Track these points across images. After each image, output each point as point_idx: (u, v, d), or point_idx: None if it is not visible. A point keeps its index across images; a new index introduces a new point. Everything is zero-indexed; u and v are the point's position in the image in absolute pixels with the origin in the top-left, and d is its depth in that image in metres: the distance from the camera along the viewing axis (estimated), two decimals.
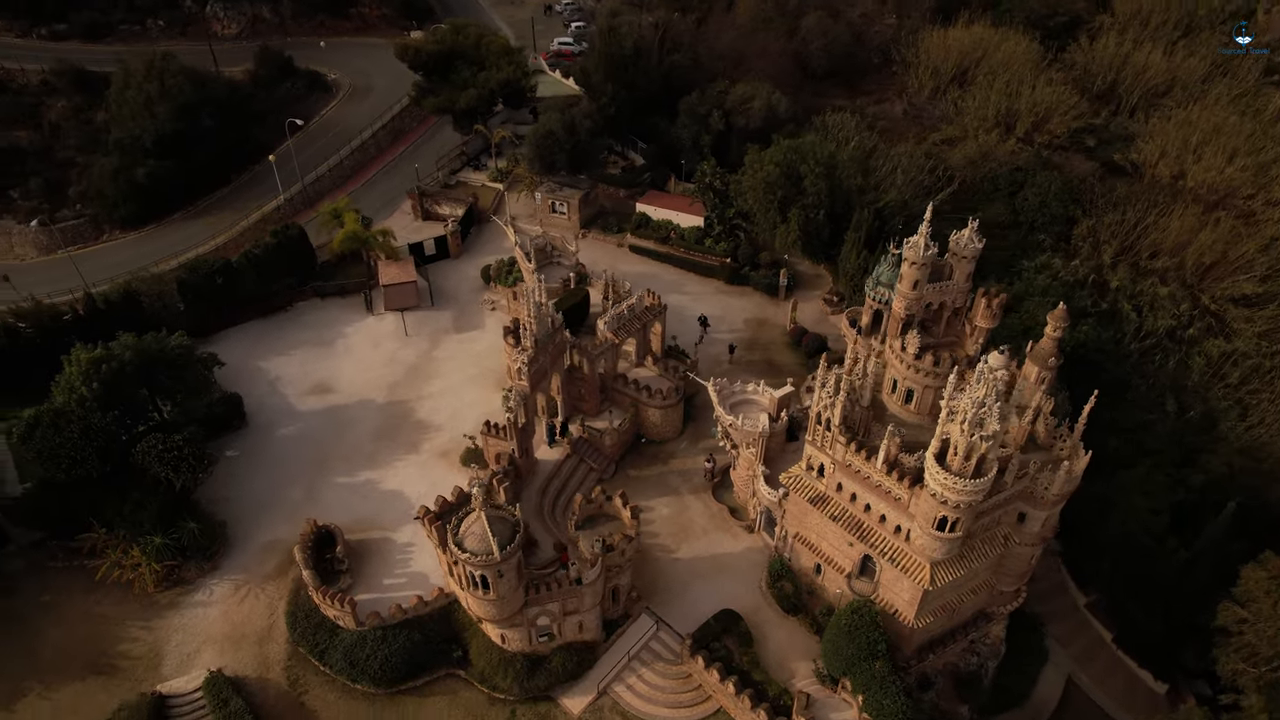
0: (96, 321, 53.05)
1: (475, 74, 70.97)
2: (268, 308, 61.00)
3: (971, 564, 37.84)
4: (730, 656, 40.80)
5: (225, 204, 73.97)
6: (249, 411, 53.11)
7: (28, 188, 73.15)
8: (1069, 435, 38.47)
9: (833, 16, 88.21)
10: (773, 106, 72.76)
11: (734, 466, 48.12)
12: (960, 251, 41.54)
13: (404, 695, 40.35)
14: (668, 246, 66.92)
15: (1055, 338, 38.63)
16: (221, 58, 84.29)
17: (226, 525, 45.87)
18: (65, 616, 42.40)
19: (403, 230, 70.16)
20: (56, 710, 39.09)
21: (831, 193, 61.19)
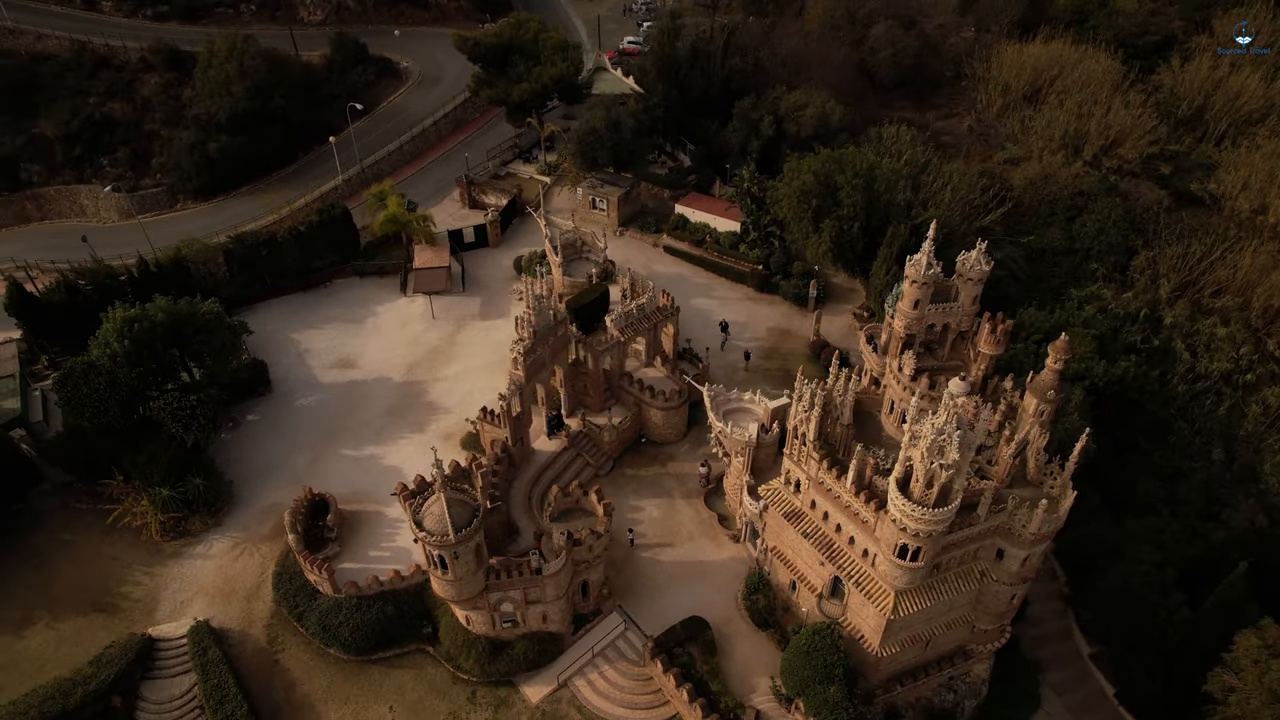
0: (148, 284, 56.46)
1: (530, 68, 72.22)
2: (308, 282, 63.69)
3: (941, 597, 36.52)
4: (691, 664, 40.57)
5: (289, 181, 77.51)
6: (274, 379, 55.65)
7: (116, 156, 78.46)
8: (1060, 473, 36.61)
9: (905, 27, 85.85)
10: (826, 115, 71.41)
11: (727, 474, 47.74)
12: (966, 273, 40.17)
13: (373, 665, 41.63)
14: (701, 250, 66.66)
15: (1055, 370, 37.02)
16: (302, 43, 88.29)
17: (234, 484, 48.26)
18: (79, 555, 45.45)
19: (449, 217, 72.14)
20: (60, 640, 41.98)
21: (869, 206, 59.75)
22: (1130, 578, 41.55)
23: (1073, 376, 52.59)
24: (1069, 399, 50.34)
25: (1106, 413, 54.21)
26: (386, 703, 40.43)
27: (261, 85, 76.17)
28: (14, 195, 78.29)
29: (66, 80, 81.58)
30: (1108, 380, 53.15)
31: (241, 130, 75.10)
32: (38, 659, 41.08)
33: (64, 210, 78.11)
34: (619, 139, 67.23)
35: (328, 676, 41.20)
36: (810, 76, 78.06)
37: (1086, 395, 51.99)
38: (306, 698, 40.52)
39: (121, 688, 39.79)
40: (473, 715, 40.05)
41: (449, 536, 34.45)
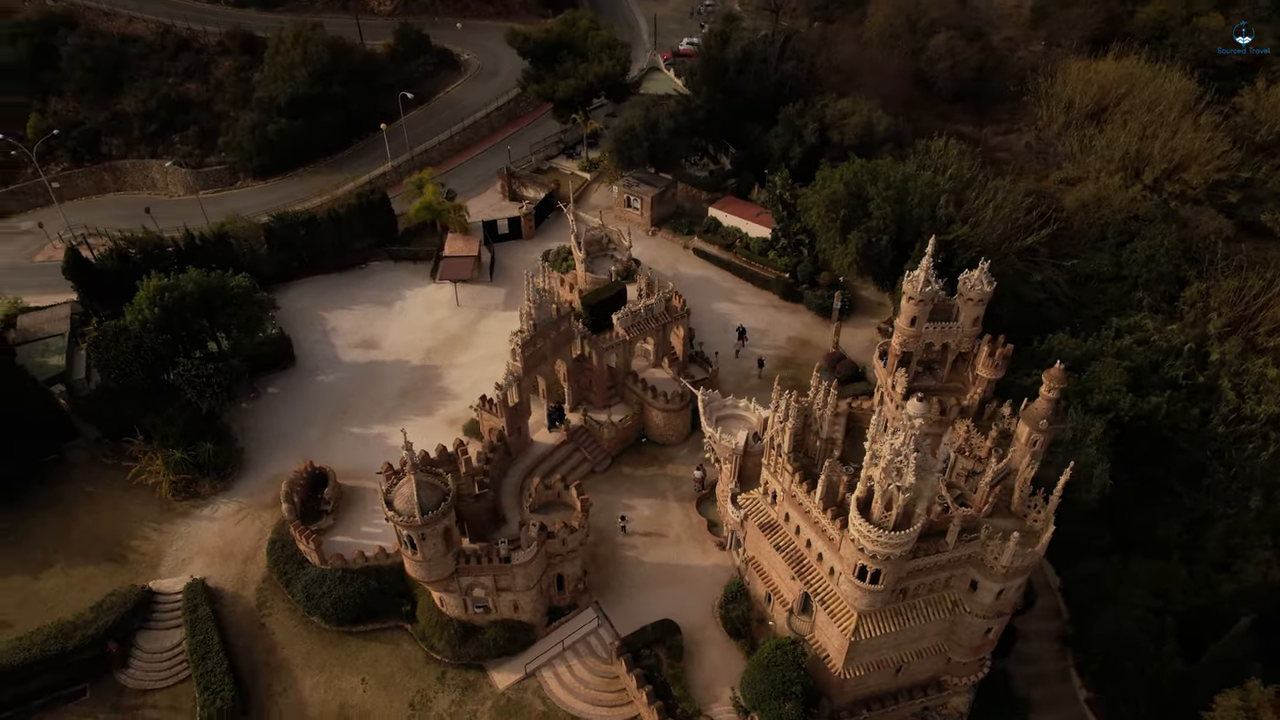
0: (192, 256, 59.33)
1: (577, 65, 72.94)
2: (344, 263, 65.90)
3: (909, 623, 35.52)
4: (658, 666, 40.51)
5: (342, 166, 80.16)
6: (299, 354, 57.84)
7: (187, 134, 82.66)
8: (1043, 506, 35.18)
9: (968, 39, 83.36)
10: (871, 124, 69.99)
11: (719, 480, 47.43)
12: (967, 293, 39.05)
13: (352, 637, 42.94)
14: (730, 254, 66.23)
15: (1049, 399, 35.68)
16: (369, 32, 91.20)
17: (245, 452, 50.44)
18: (99, 506, 48.21)
19: (488, 208, 73.60)
20: (70, 584, 44.66)
21: (900, 219, 58.49)
22: (1125, 623, 39.57)
23: (1097, 408, 50.35)
24: (1088, 431, 48.25)
25: (1134, 449, 51.78)
26: (360, 675, 41.65)
27: (323, 71, 79.02)
28: (95, 166, 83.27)
29: (150, 61, 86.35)
30: (1135, 415, 50.59)
31: (300, 114, 78.06)
32: (48, 600, 43.77)
33: (137, 183, 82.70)
34: (655, 139, 67.38)
35: (308, 643, 42.67)
36: (862, 85, 76.56)
37: (1110, 429, 49.65)
38: (285, 662, 42.07)
39: (119, 635, 42.06)
40: (440, 695, 40.89)
41: (415, 518, 35.27)
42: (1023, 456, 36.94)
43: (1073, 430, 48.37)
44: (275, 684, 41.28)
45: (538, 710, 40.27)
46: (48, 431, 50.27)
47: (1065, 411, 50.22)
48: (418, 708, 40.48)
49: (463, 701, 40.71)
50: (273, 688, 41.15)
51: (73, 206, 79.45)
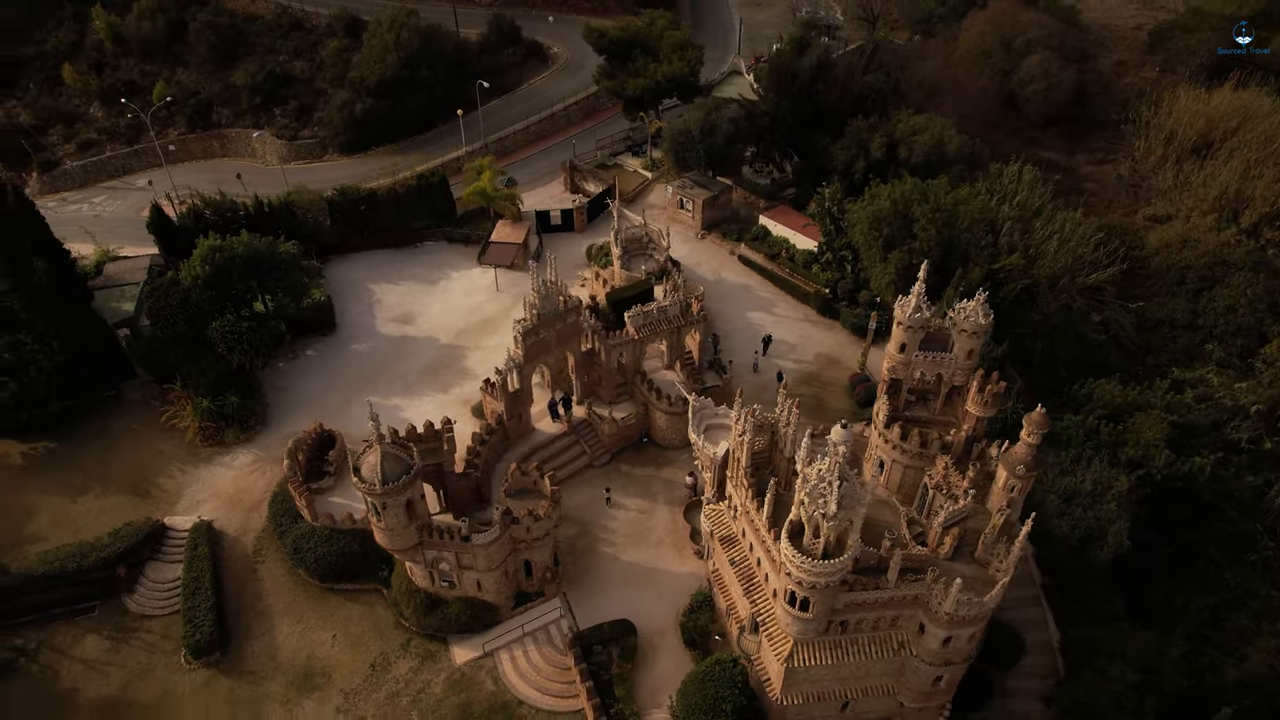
0: (260, 221, 63.44)
1: (648, 64, 73.35)
2: (400, 240, 68.79)
3: (850, 658, 34.34)
4: (607, 665, 40.68)
5: (421, 148, 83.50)
6: (341, 322, 60.92)
7: (287, 108, 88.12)
8: (1005, 555, 33.23)
9: (1069, 60, 78.67)
10: (942, 143, 67.15)
11: None
12: (961, 324, 37.16)
13: (333, 593, 45.09)
14: (774, 264, 65.16)
15: (1030, 444, 33.65)
16: (466, 20, 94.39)
17: (270, 408, 53.64)
18: (138, 443, 52.41)
19: (551, 199, 75.01)
20: (99, 510, 48.82)
21: (946, 243, 56.03)
22: (1098, 695, 36.75)
23: (1127, 463, 46.94)
24: (1110, 486, 45.08)
25: (1170, 511, 48.03)
26: (332, 630, 43.74)
27: (412, 56, 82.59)
28: (205, 133, 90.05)
29: (264, 39, 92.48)
30: (1170, 475, 46.81)
31: (387, 95, 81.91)
32: (78, 522, 48.02)
33: (239, 150, 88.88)
34: (711, 143, 66.96)
35: (291, 594, 45.12)
36: (942, 102, 73.70)
37: (1139, 486, 46.16)
38: (268, 608, 44.65)
39: (129, 562, 45.73)
40: (400, 661, 42.45)
41: (377, 486, 36.73)
42: (999, 501, 35.03)
43: (1093, 483, 45.33)
44: (255, 627, 43.88)
45: (487, 689, 41.19)
46: (109, 370, 54.98)
47: (1090, 462, 47.20)
48: (377, 669, 42.16)
49: (420, 670, 42.10)
50: (252, 630, 43.76)
51: (183, 168, 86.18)
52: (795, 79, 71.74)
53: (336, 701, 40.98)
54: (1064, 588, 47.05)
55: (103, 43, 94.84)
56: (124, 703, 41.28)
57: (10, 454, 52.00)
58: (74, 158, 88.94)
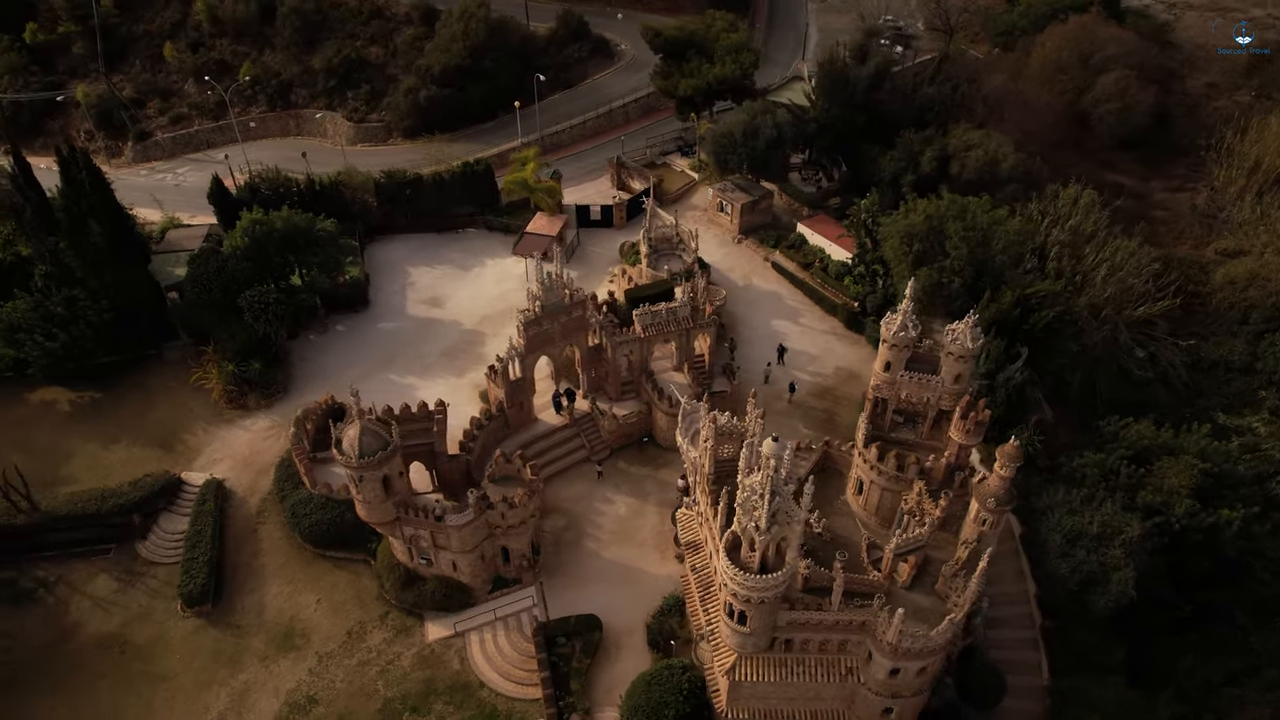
0: (311, 198, 66.31)
1: (701, 65, 73.03)
2: (442, 225, 70.67)
3: (794, 677, 33.55)
4: (569, 658, 40.89)
5: (480, 137, 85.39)
6: (374, 300, 63.00)
7: (358, 92, 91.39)
8: (962, 590, 31.87)
9: (1151, 80, 74.22)
10: (996, 160, 64.51)
11: None
12: (949, 346, 35.83)
13: (323, 560, 46.82)
14: (807, 273, 63.99)
15: (1003, 477, 32.25)
16: (536, 14, 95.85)
17: (293, 378, 55.94)
18: (170, 400, 55.51)
19: (598, 194, 75.59)
20: (128, 459, 51.96)
21: (979, 264, 53.95)
22: None
23: (1144, 508, 44.21)
24: (1119, 531, 42.60)
25: (1192, 566, 45.02)
26: (317, 595, 45.41)
27: (478, 47, 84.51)
28: (284, 112, 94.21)
29: (345, 25, 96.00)
30: (1191, 527, 43.84)
31: (450, 84, 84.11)
32: (107, 469, 51.24)
33: (311, 130, 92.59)
34: (753, 146, 66.11)
35: (285, 556, 47.05)
36: (1004, 118, 70.73)
37: (1154, 535, 43.41)
38: (262, 567, 46.68)
39: (144, 511, 48.53)
40: (376, 631, 43.74)
41: (353, 460, 37.91)
42: (970, 534, 33.65)
43: (1100, 525, 42.92)
44: (248, 583, 45.96)
45: (453, 669, 42.02)
46: (154, 330, 58.40)
47: (1102, 503, 44.64)
48: (353, 636, 43.56)
49: (393, 642, 43.28)
50: (244, 586, 45.85)
51: (260, 145, 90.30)
52: (849, 86, 70.14)
53: (310, 663, 42.53)
54: (1063, 633, 44.79)
55: (201, 24, 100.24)
56: (120, 640, 43.87)
57: (59, 400, 55.86)
58: (165, 130, 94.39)
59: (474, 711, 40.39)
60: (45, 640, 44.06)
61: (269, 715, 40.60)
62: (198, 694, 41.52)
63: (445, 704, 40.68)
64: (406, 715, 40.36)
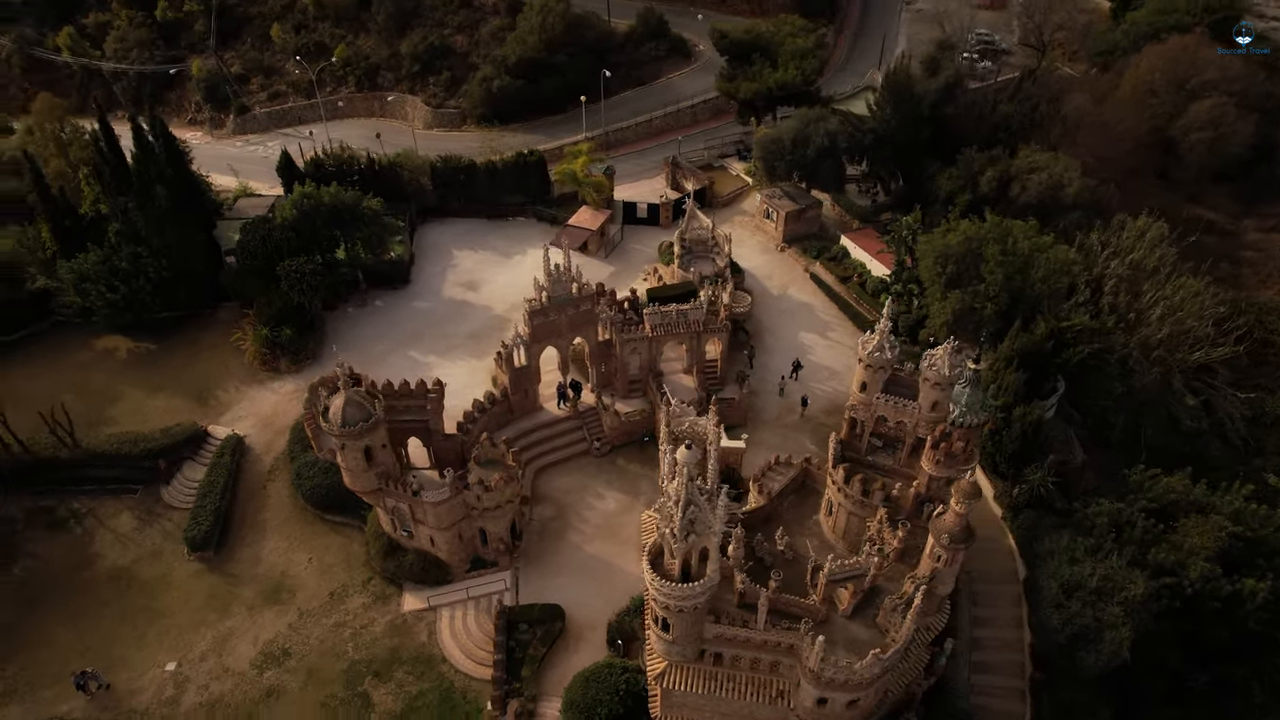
0: (370, 177, 69.18)
1: (763, 69, 72.10)
2: (493, 212, 72.41)
3: (724, 693, 32.87)
4: (527, 645, 41.34)
5: (548, 128, 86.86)
6: (414, 279, 65.19)
7: (439, 78, 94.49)
8: (899, 625, 30.56)
9: (1257, 111, 68.53)
10: (1060, 185, 61.16)
11: None
12: (925, 373, 34.42)
13: (322, 522, 48.87)
14: (844, 287, 62.32)
15: (959, 513, 30.89)
16: (618, 10, 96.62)
17: (323, 347, 58.47)
18: (213, 357, 59.01)
19: (653, 192, 75.77)
20: (167, 408, 55.49)
21: (1016, 291, 51.44)
22: None
23: (1153, 566, 41.16)
24: (1120, 587, 39.85)
25: (1209, 635, 41.67)
26: (310, 554, 47.47)
27: (553, 40, 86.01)
28: (369, 93, 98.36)
29: (435, 13, 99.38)
30: (1206, 593, 40.55)
31: (523, 75, 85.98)
32: (147, 415, 54.92)
33: (393, 112, 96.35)
34: (802, 154, 64.83)
35: (287, 514, 49.37)
36: (1079, 141, 66.87)
37: (1162, 597, 40.38)
38: (265, 522, 49.11)
39: (170, 458, 51.77)
40: (356, 596, 45.41)
41: (335, 427, 39.45)
42: (925, 569, 32.26)
43: (1100, 579, 40.22)
44: (249, 536, 48.47)
45: (419, 640, 43.17)
46: (210, 290, 62.11)
47: (1108, 555, 41.74)
48: (335, 598, 45.32)
49: (371, 607, 44.80)
50: (246, 538, 48.37)
51: (346, 124, 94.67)
52: (914, 98, 67.79)
53: (291, 618, 44.51)
54: (1051, 687, 42.22)
55: (307, 7, 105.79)
56: (130, 575, 47.04)
57: (119, 348, 60.26)
58: (263, 106, 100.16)
59: (431, 684, 41.38)
60: (67, 566, 47.65)
61: (245, 660, 42.74)
62: (186, 633, 44.09)
63: (406, 673, 41.84)
64: (369, 679, 41.71)
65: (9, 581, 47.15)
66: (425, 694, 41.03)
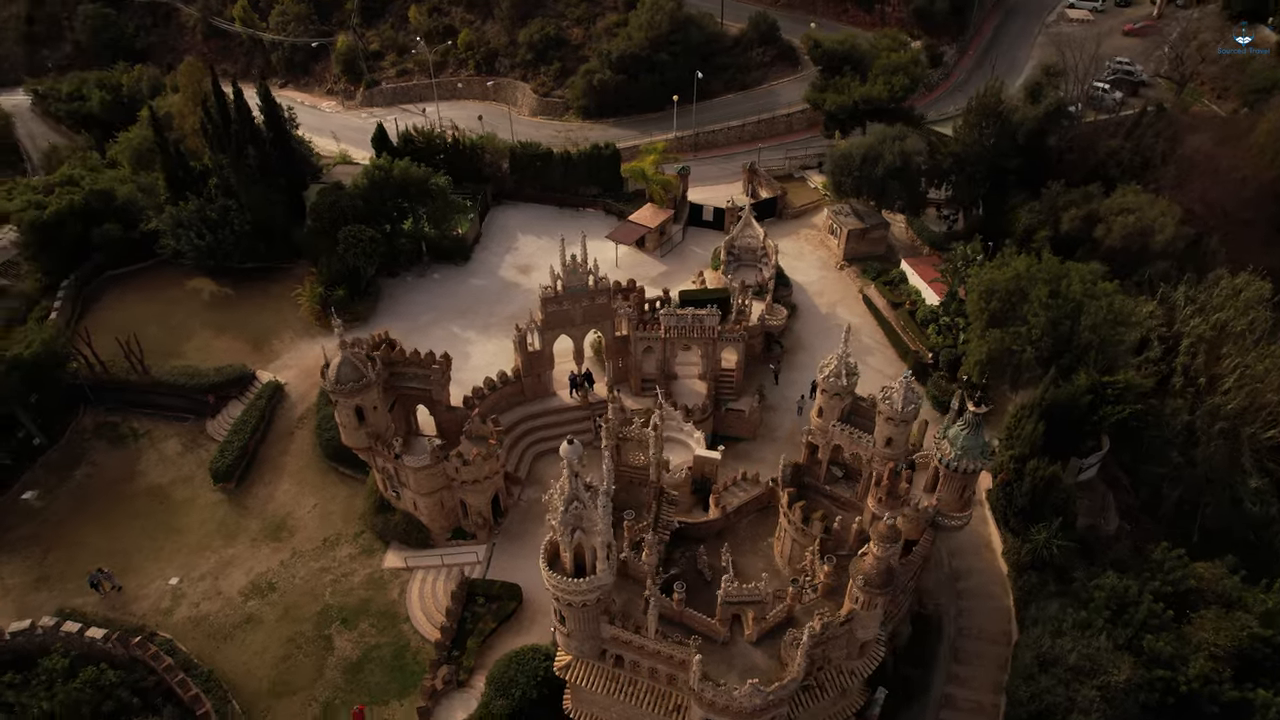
0: (453, 156, 72.58)
1: (851, 82, 69.95)
2: (566, 201, 74.04)
3: (621, 695, 32.67)
4: (481, 618, 42.46)
5: (642, 125, 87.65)
6: (475, 257, 67.78)
7: (550, 68, 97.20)
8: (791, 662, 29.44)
9: None
10: (1148, 230, 56.25)
11: None
12: (880, 407, 32.98)
13: (334, 471, 51.78)
14: (894, 313, 59.70)
15: (878, 556, 29.61)
16: (732, 12, 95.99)
17: (374, 311, 61.90)
18: (278, 309, 63.66)
19: (730, 197, 75.24)
20: (227, 350, 60.31)
21: (1061, 338, 47.92)
22: None
23: (1147, 655, 37.43)
24: (1103, 669, 36.68)
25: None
26: (316, 501, 50.53)
27: (658, 39, 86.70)
28: (485, 78, 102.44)
29: (557, 4, 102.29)
30: (1204, 695, 36.54)
31: (623, 71, 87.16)
32: (210, 353, 59.92)
33: (504, 97, 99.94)
34: (870, 173, 62.45)
35: (305, 460, 52.71)
36: (1189, 186, 61.03)
37: (1150, 690, 36.77)
38: (283, 465, 52.67)
39: (218, 394, 56.33)
40: (346, 545, 48.00)
41: (330, 384, 41.91)
42: (845, 609, 30.98)
43: (1080, 656, 37.05)
44: (267, 475, 52.11)
45: (390, 597, 45.17)
46: (288, 247, 66.78)
47: (1098, 634, 38.20)
48: (327, 544, 48.11)
49: (355, 559, 47.27)
50: (264, 477, 52.03)
51: (459, 104, 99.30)
52: (1006, 125, 63.92)
53: (285, 556, 47.61)
54: None
55: None
56: (163, 494, 51.67)
57: (204, 290, 66.11)
58: (390, 82, 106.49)
59: (390, 639, 43.25)
60: (117, 477, 52.89)
61: (235, 587, 46.12)
62: (194, 553, 48.03)
63: (370, 625, 43.91)
64: (336, 624, 44.06)
65: (69, 482, 52.82)
66: (381, 647, 42.93)
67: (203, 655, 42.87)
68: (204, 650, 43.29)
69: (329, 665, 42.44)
